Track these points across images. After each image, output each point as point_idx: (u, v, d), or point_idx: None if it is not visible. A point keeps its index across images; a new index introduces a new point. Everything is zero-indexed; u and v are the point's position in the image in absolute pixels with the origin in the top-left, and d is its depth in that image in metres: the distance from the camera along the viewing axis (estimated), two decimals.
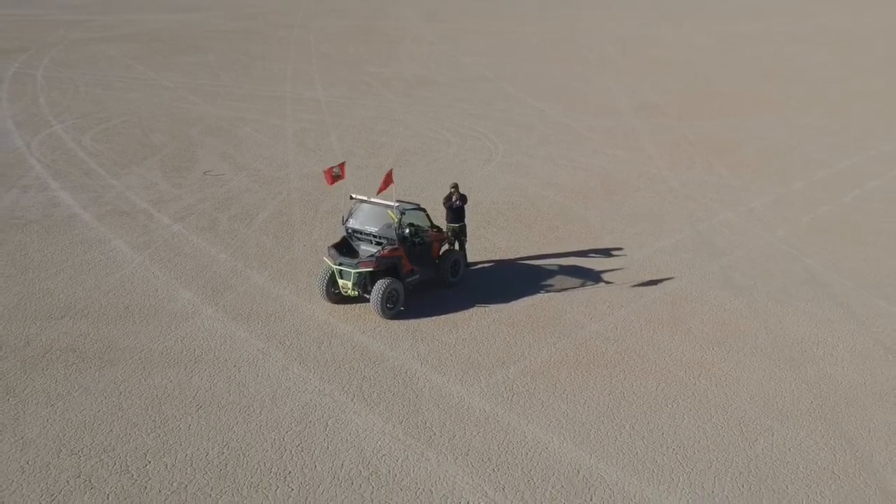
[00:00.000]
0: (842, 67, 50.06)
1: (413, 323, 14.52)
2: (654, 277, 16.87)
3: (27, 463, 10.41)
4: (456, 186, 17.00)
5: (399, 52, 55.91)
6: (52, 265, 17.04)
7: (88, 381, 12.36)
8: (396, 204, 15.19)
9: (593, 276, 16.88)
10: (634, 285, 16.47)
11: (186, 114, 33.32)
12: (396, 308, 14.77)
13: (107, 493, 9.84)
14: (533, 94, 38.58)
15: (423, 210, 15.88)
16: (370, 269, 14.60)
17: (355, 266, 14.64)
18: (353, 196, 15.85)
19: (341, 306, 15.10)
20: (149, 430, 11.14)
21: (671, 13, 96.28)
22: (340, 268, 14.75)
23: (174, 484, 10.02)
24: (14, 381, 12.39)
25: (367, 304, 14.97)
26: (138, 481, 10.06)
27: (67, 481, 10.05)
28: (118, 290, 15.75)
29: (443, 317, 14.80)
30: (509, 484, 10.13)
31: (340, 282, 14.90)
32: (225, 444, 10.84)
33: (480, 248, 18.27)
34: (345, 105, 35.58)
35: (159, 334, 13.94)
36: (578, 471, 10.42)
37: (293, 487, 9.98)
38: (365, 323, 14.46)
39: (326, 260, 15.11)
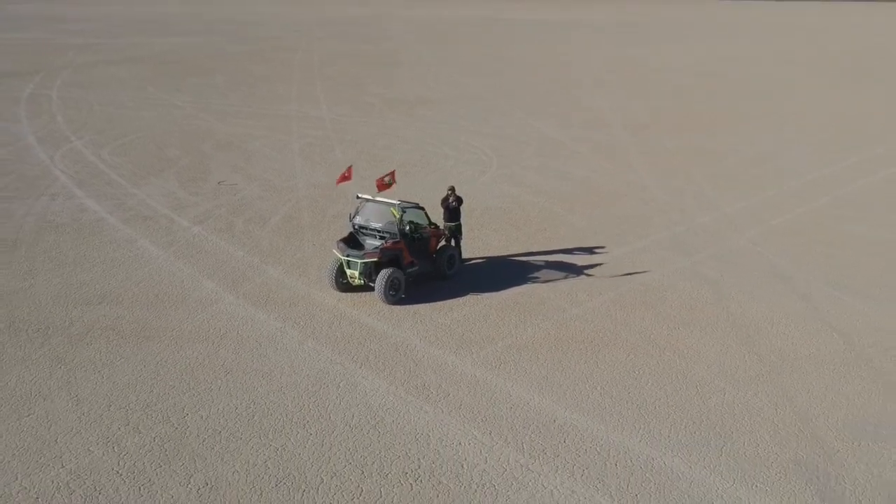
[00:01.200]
0: (818, 86, 52.15)
1: (413, 307, 16.29)
2: (631, 271, 18.66)
3: (83, 414, 12.14)
4: (452, 189, 18.83)
5: (399, 74, 57.96)
6: (86, 261, 18.83)
7: (128, 353, 14.12)
8: (398, 202, 17.01)
9: (575, 270, 18.67)
10: (612, 277, 18.26)
11: (197, 130, 35.23)
12: (398, 295, 16.54)
13: (153, 437, 11.57)
14: (527, 112, 40.56)
15: (422, 209, 17.71)
16: (375, 260, 16.39)
17: (362, 257, 16.44)
18: (360, 195, 17.68)
19: (348, 294, 16.87)
20: (184, 391, 12.88)
21: (662, 37, 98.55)
22: (348, 259, 16.55)
23: (209, 430, 11.75)
24: (63, 353, 14.14)
25: (371, 292, 16.73)
26: (179, 428, 11.80)
27: (119, 428, 11.79)
28: (147, 281, 17.54)
29: (439, 302, 16.58)
30: (495, 430, 11.87)
31: (348, 272, 16.69)
32: (251, 401, 12.59)
33: (474, 246, 20.06)
34: (348, 123, 37.51)
35: (187, 316, 15.71)
36: (554, 420, 12.16)
37: (311, 433, 11.72)
38: (370, 308, 16.24)
39: (335, 252, 16.93)
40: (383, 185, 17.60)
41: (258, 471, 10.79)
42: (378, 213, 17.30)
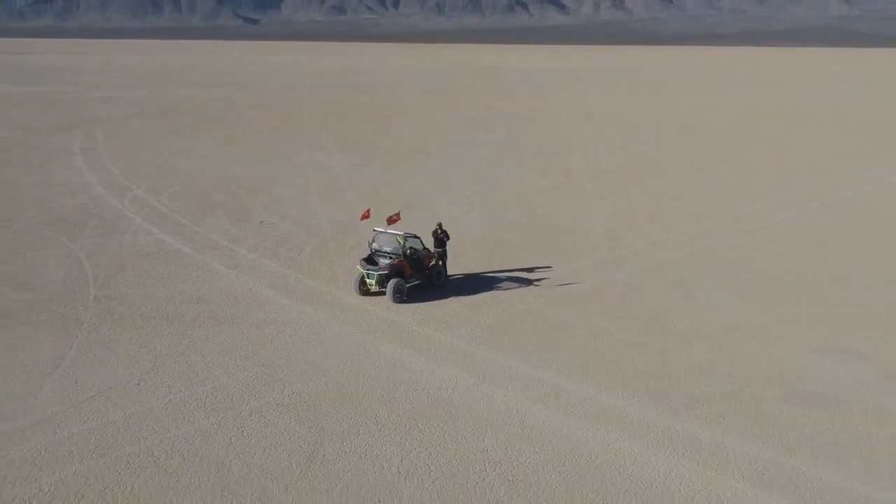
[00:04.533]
0: (773, 134, 60.11)
1: (413, 305, 23.52)
2: (573, 281, 25.94)
3: (209, 363, 19.32)
4: (440, 224, 26.20)
5: (398, 124, 65.84)
6: (178, 277, 26.10)
7: (225, 331, 21.34)
8: (402, 233, 24.34)
9: (529, 281, 25.96)
10: (556, 285, 25.55)
11: (231, 178, 42.71)
12: (402, 297, 23.76)
13: (254, 372, 18.73)
14: (510, 160, 48.23)
15: (419, 238, 25.04)
16: (386, 273, 23.68)
17: (377, 271, 23.73)
18: (375, 229, 25.06)
19: (367, 298, 24.11)
20: (268, 350, 20.07)
21: (644, 86, 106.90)
22: (368, 272, 23.85)
23: (291, 368, 18.93)
24: (183, 331, 21.34)
25: (384, 295, 23.96)
26: (269, 368, 18.96)
27: (231, 368, 18.97)
28: (226, 290, 24.81)
29: (430, 302, 23.83)
30: (463, 371, 19.06)
31: (368, 281, 23.97)
32: (313, 355, 19.78)
33: (457, 265, 27.31)
34: (355, 169, 45.09)
35: (259, 311, 22.95)
36: (505, 371, 19.35)
37: (347, 374, 18.89)
38: (383, 305, 23.47)
39: (359, 267, 24.24)
40: (392, 220, 24.93)
41: (330, 387, 17.95)
42: (388, 240, 24.62)
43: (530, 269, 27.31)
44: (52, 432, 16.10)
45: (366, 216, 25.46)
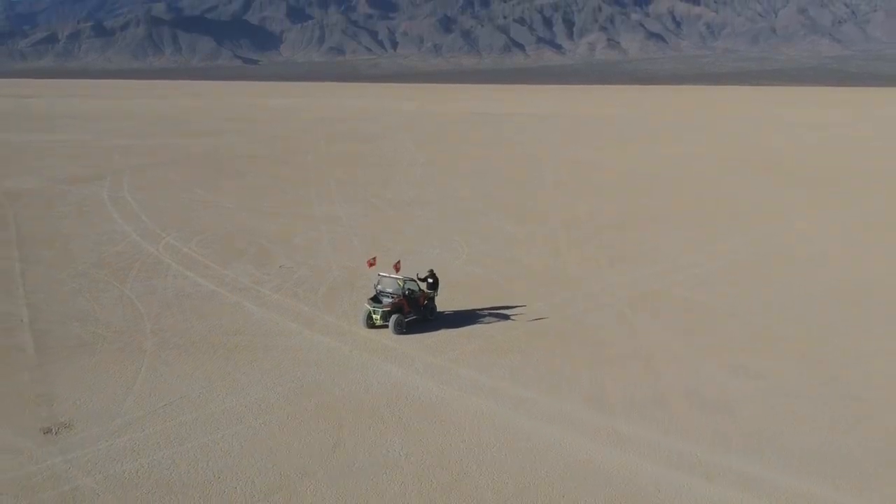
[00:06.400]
0: (732, 183, 66.34)
1: (410, 336, 29.21)
2: (542, 316, 31.65)
3: (251, 380, 24.96)
4: (431, 271, 32.01)
5: (396, 175, 72.03)
6: (216, 314, 31.79)
7: (261, 356, 26.96)
8: (401, 277, 30.13)
9: (507, 317, 31.66)
10: (529, 320, 31.27)
11: (251, 229, 48.56)
12: (402, 330, 29.45)
13: (297, 384, 24.37)
14: (495, 211, 54.25)
15: (415, 281, 30.82)
16: (388, 310, 29.42)
17: (382, 308, 29.48)
18: (380, 273, 30.87)
19: (374, 331, 29.78)
20: (299, 371, 25.70)
21: (620, 139, 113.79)
22: (374, 308, 29.59)
23: (318, 387, 24.56)
24: (226, 355, 26.98)
25: (387, 328, 29.65)
26: (298, 385, 24.60)
27: (276, 381, 24.61)
28: (258, 324, 30.52)
29: (424, 333, 29.53)
30: (454, 384, 24.71)
31: (374, 316, 29.70)
32: (332, 375, 25.44)
33: (446, 304, 32.97)
34: (359, 220, 51.04)
35: (285, 340, 28.63)
36: (481, 386, 24.99)
37: (361, 386, 24.54)
38: (386, 336, 29.17)
39: (366, 305, 29.98)
40: (395, 268, 30.71)
41: (346, 396, 23.58)
42: (391, 283, 30.40)
43: (507, 307, 33.00)
44: (140, 429, 21.73)
45: (372, 263, 31.34)
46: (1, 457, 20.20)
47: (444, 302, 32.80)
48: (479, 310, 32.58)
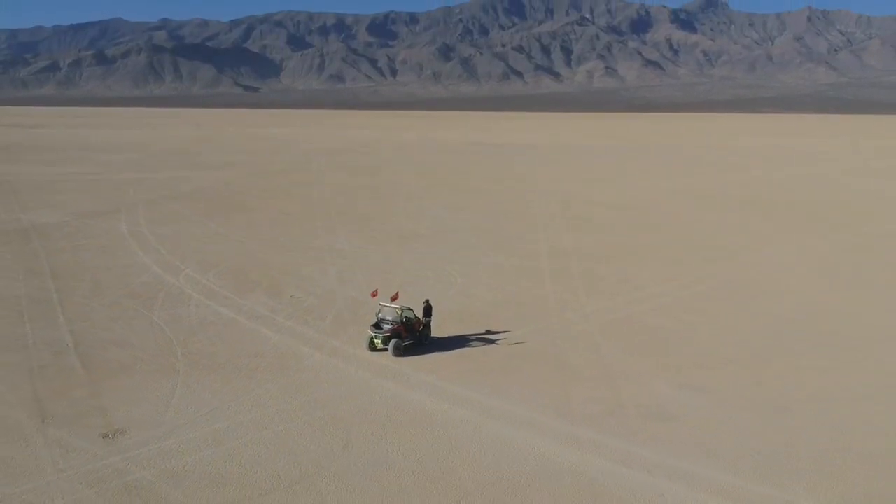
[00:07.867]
0: (701, 219, 71.09)
1: (407, 358, 33.69)
2: (523, 341, 36.16)
3: (272, 396, 29.42)
4: (427, 301, 36.56)
5: (396, 208, 76.79)
6: (237, 339, 36.28)
7: (279, 375, 31.43)
8: (399, 306, 34.70)
9: (493, 342, 36.16)
10: (511, 344, 35.77)
11: (262, 261, 53.13)
12: (400, 352, 33.94)
13: (303, 399, 28.84)
14: (486, 244, 58.94)
15: (412, 310, 35.38)
16: (388, 335, 33.96)
17: (382, 333, 34.01)
18: (381, 303, 35.44)
19: (376, 353, 34.27)
20: (312, 388, 30.15)
21: (609, 172, 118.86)
22: (376, 334, 34.13)
23: (329, 400, 29.02)
24: (249, 374, 31.44)
25: (386, 352, 34.12)
26: (311, 398, 29.06)
27: (293, 395, 29.09)
28: (274, 347, 35.01)
29: (419, 356, 34.02)
30: (444, 398, 29.17)
31: (375, 341, 34.23)
32: (339, 392, 29.89)
33: (439, 330, 37.46)
34: (361, 252, 55.68)
35: (300, 362, 33.11)
36: (467, 399, 29.46)
37: (365, 399, 28.99)
38: (386, 358, 33.65)
39: (369, 331, 34.51)
40: (394, 298, 35.30)
41: (352, 408, 28.02)
42: (390, 312, 34.95)
43: (493, 333, 37.52)
44: (183, 434, 26.19)
45: (374, 294, 36.00)
46: (71, 456, 24.64)
47: (438, 328, 37.29)
48: (468, 335, 37.07)
